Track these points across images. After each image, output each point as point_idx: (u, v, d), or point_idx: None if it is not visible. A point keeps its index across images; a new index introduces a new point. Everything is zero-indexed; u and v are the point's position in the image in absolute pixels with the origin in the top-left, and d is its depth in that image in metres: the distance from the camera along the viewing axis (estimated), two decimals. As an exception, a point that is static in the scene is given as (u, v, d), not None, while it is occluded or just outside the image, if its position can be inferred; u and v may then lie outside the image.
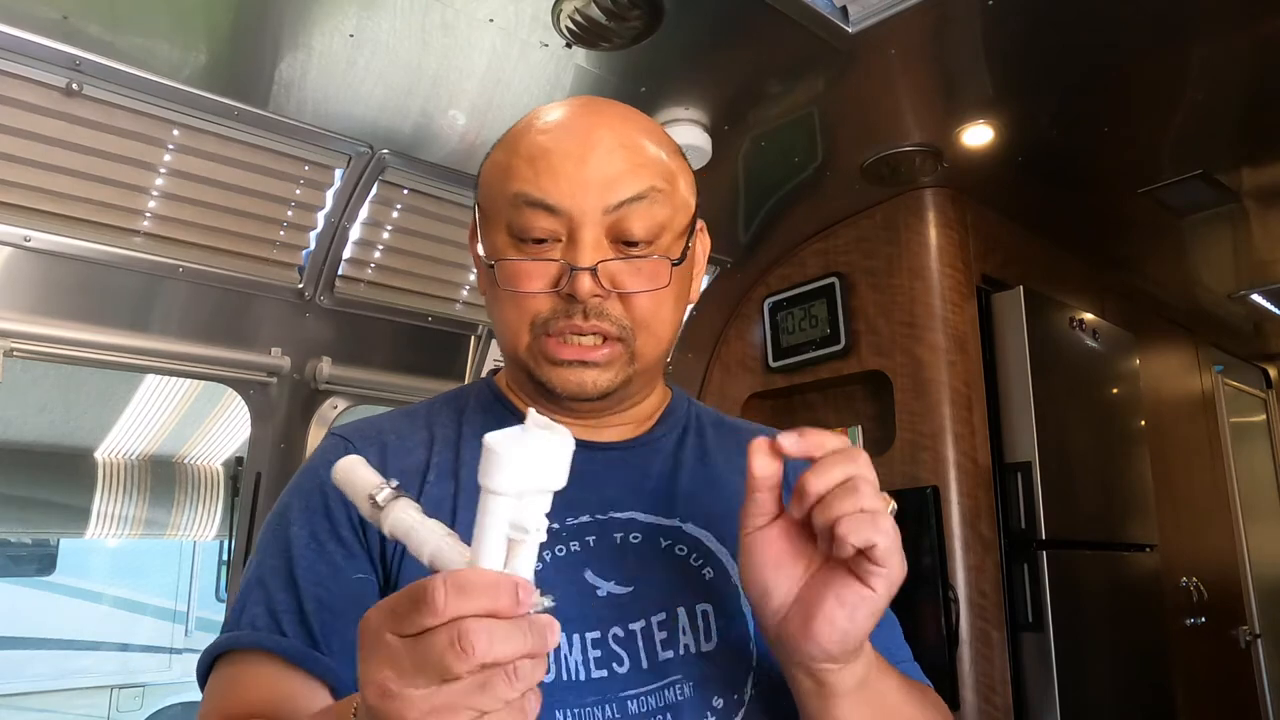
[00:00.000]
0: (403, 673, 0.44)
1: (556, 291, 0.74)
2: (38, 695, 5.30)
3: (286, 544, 0.75)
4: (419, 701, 0.44)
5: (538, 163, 0.74)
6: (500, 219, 0.76)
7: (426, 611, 0.44)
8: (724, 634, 0.77)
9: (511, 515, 0.46)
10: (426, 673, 0.44)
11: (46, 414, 3.29)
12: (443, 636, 0.43)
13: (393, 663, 0.45)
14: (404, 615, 0.45)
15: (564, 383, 0.76)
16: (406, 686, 0.44)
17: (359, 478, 0.54)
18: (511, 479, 0.46)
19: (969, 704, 2.18)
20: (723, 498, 0.84)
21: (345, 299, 2.08)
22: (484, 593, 0.44)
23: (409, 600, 0.45)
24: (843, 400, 2.70)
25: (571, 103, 0.80)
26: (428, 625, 0.44)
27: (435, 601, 0.44)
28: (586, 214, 0.73)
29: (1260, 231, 2.87)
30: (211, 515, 3.88)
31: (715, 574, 0.79)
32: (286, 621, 0.72)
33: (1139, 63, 1.91)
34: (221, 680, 0.74)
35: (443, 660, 0.43)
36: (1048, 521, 2.32)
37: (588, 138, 0.75)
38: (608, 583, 0.76)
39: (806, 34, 1.72)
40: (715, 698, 0.75)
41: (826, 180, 2.39)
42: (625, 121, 0.78)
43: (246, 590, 0.76)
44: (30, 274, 1.68)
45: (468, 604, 0.44)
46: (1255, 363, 4.45)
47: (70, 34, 1.49)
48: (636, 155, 0.76)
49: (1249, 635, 3.66)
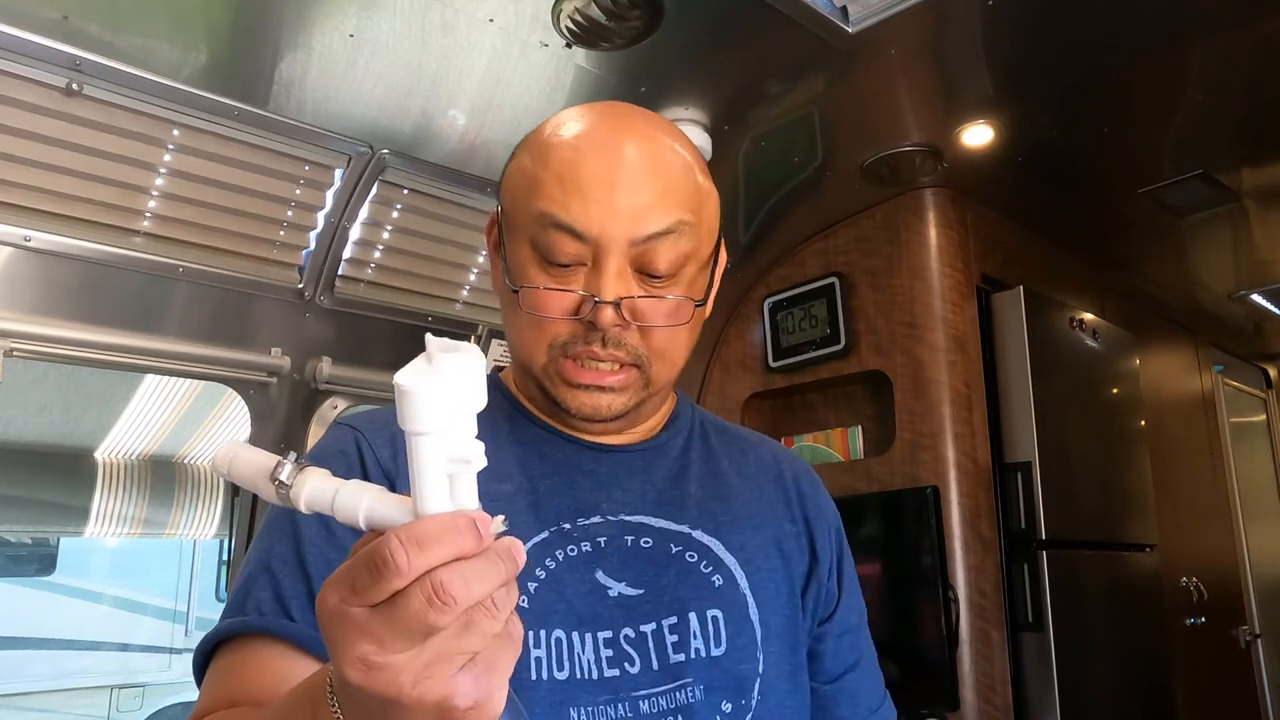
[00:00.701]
0: (381, 642, 0.42)
1: (578, 319, 0.74)
2: (38, 695, 5.29)
3: (295, 531, 0.73)
4: (407, 665, 0.42)
5: (566, 184, 0.73)
6: (524, 233, 0.76)
7: (390, 574, 0.41)
8: (733, 640, 0.78)
9: (447, 450, 0.43)
10: (407, 635, 0.41)
11: (46, 414, 3.28)
12: (417, 595, 0.41)
13: (367, 635, 0.42)
14: (366, 585, 0.42)
15: (579, 405, 0.77)
16: (389, 654, 0.42)
17: (249, 462, 0.48)
18: (437, 414, 0.42)
19: (969, 704, 2.18)
20: (730, 507, 0.84)
21: (345, 299, 2.08)
22: (445, 539, 0.42)
23: (366, 568, 0.42)
24: (843, 400, 2.70)
25: (598, 112, 0.79)
26: (396, 588, 0.41)
27: (398, 562, 0.41)
28: (614, 242, 0.73)
29: (1260, 231, 2.87)
30: (211, 515, 3.88)
31: (724, 581, 0.80)
32: (295, 607, 0.70)
33: (1139, 63, 1.91)
34: (223, 667, 0.72)
35: (423, 618, 0.41)
36: (1048, 521, 2.32)
37: (618, 160, 0.74)
38: (619, 584, 0.76)
39: (806, 34, 1.72)
40: (724, 702, 0.76)
41: (826, 180, 2.39)
42: (654, 142, 0.77)
43: (251, 577, 0.74)
44: (30, 274, 1.68)
45: (432, 555, 0.41)
46: (1255, 363, 4.45)
47: (70, 34, 1.49)
48: (666, 182, 0.75)
49: (1249, 635, 3.66)
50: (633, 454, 0.84)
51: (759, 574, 0.82)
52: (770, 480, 0.91)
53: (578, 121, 0.78)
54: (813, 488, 0.93)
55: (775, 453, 0.95)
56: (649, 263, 0.74)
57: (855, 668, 0.91)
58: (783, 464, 0.93)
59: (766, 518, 0.87)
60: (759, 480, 0.90)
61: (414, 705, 0.42)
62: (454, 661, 0.42)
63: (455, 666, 0.42)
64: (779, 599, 0.83)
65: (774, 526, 0.87)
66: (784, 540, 0.87)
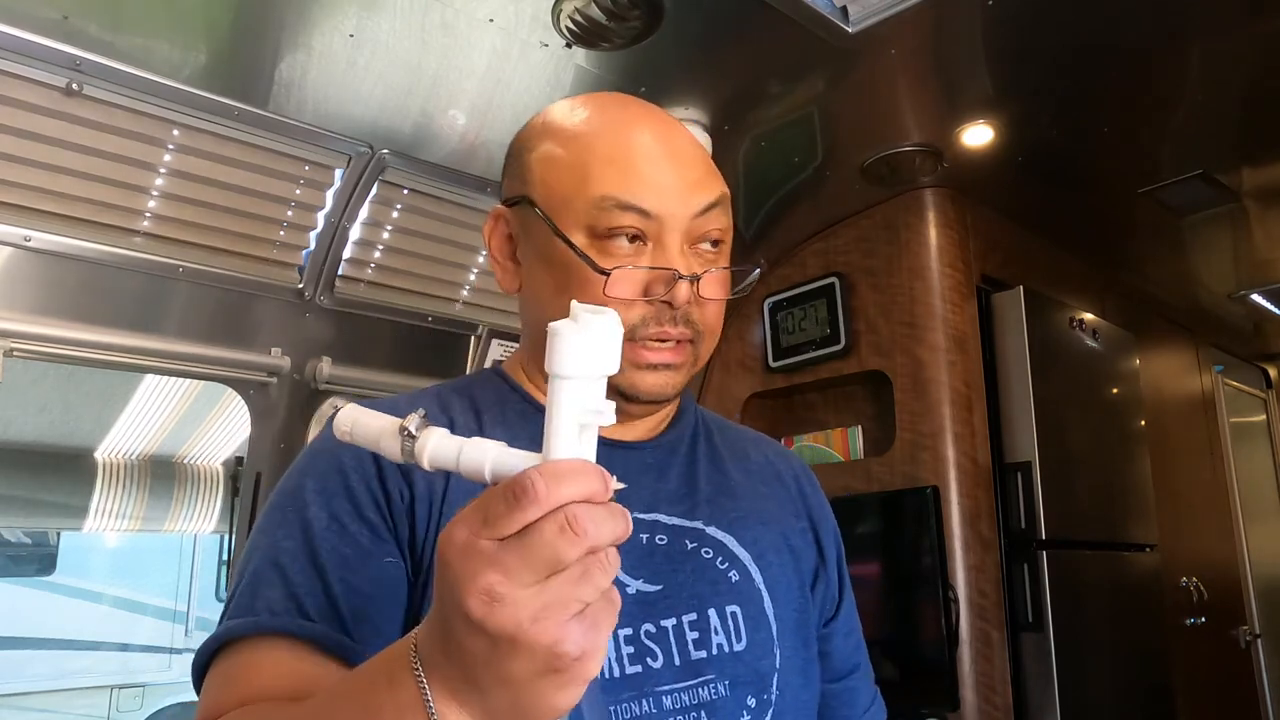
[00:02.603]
0: (509, 572, 0.43)
1: (647, 300, 0.74)
2: (38, 695, 5.29)
3: (304, 526, 0.71)
4: (528, 600, 0.43)
5: (621, 164, 0.73)
6: (579, 220, 0.74)
7: (528, 503, 0.43)
8: (752, 635, 0.78)
9: (583, 399, 0.46)
10: (535, 566, 0.43)
11: (46, 414, 3.29)
12: (551, 524, 0.43)
13: (495, 565, 0.43)
14: (499, 516, 0.43)
15: (649, 387, 0.76)
16: (515, 587, 0.43)
17: (375, 420, 0.52)
18: (579, 362, 0.46)
19: (969, 704, 2.18)
20: (739, 504, 0.85)
21: (345, 299, 2.08)
22: (578, 478, 0.44)
23: (502, 499, 0.44)
24: (843, 400, 2.70)
25: (611, 99, 0.80)
26: (530, 519, 0.43)
27: (537, 490, 0.43)
28: (676, 218, 0.73)
29: (1260, 231, 2.87)
30: (211, 515, 3.88)
31: (740, 576, 0.80)
32: (311, 605, 0.67)
33: (1139, 63, 1.91)
34: (230, 668, 0.67)
35: (554, 548, 0.42)
36: (1048, 521, 2.32)
37: (667, 139, 0.76)
38: (637, 580, 0.76)
39: (806, 34, 1.72)
40: (749, 697, 0.76)
41: (826, 180, 2.39)
42: (675, 123, 0.80)
43: (257, 574, 0.70)
44: (30, 274, 1.68)
45: (567, 490, 0.43)
46: (1255, 363, 4.45)
47: (70, 34, 1.49)
48: (703, 157, 0.78)
49: (1249, 635, 3.66)
50: (643, 450, 0.84)
51: (772, 569, 0.82)
52: (772, 478, 0.91)
53: (592, 108, 0.78)
54: (812, 488, 0.94)
55: (774, 452, 0.95)
56: (707, 234, 0.75)
57: (858, 669, 0.92)
58: (782, 463, 0.94)
59: (774, 514, 0.87)
60: (762, 478, 0.90)
61: (527, 644, 0.43)
62: (569, 608, 0.43)
63: (570, 613, 0.43)
64: (791, 593, 0.83)
65: (782, 523, 0.87)
66: (792, 536, 0.87)
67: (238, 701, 0.63)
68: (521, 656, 0.43)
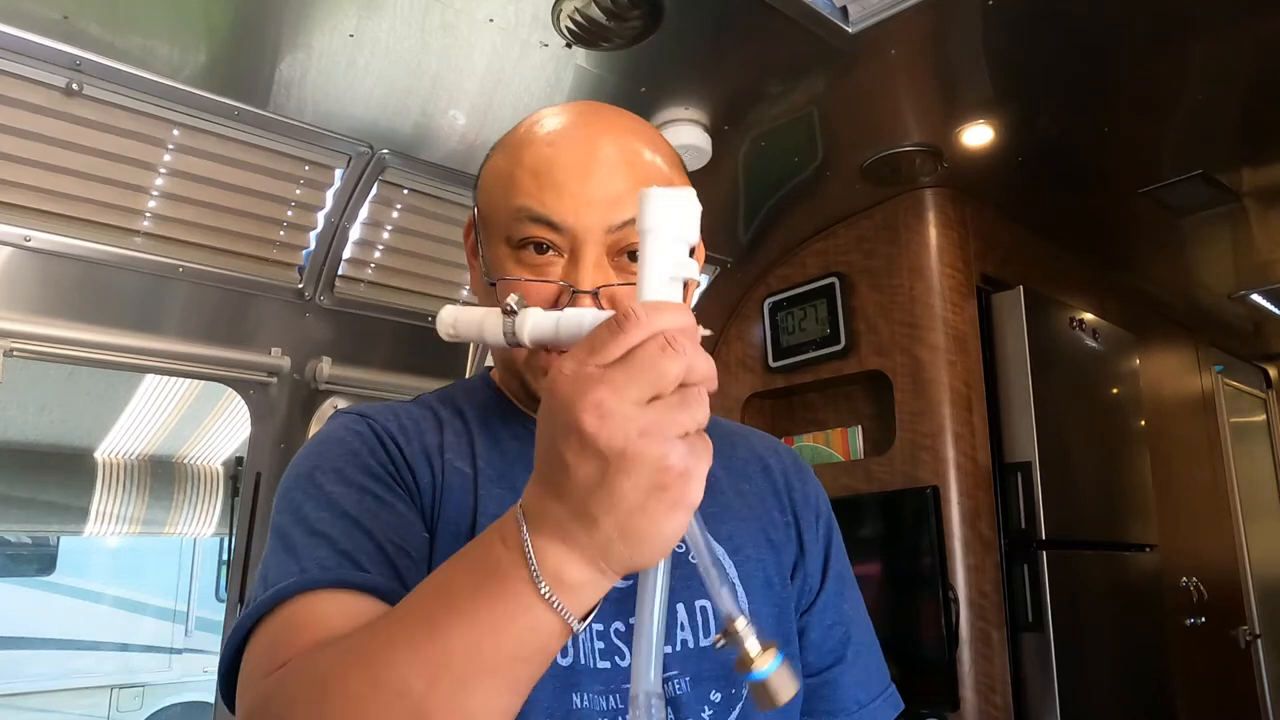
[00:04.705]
0: (618, 388, 0.46)
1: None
2: (38, 695, 5.29)
3: (333, 500, 0.69)
4: (637, 415, 0.46)
5: (541, 177, 0.74)
6: (500, 230, 0.77)
7: (630, 326, 0.47)
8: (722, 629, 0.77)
9: (673, 253, 0.51)
10: (641, 383, 0.46)
11: (46, 414, 3.29)
12: (653, 344, 0.47)
13: (605, 383, 0.46)
14: (605, 342, 0.47)
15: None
16: (624, 402, 0.46)
17: (473, 312, 0.60)
18: (669, 219, 0.51)
19: (969, 704, 2.18)
20: (716, 499, 0.84)
21: (345, 299, 2.08)
22: (674, 311, 0.48)
23: (606, 329, 0.48)
24: (843, 400, 2.70)
25: (574, 110, 0.80)
26: (633, 343, 0.47)
27: (639, 316, 0.47)
28: (590, 231, 0.73)
29: (1260, 231, 2.87)
30: (211, 515, 3.88)
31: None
32: (365, 560, 0.64)
33: (1139, 63, 1.91)
34: (286, 621, 0.61)
35: (657, 365, 0.46)
36: (1048, 521, 2.32)
37: (592, 152, 0.75)
38: None
39: (806, 34, 1.72)
40: (713, 692, 0.76)
41: (826, 180, 2.39)
42: (629, 134, 0.78)
43: (292, 547, 0.66)
44: (30, 274, 1.68)
45: (664, 318, 0.47)
46: (1255, 363, 4.45)
47: (70, 34, 1.49)
48: (639, 172, 0.76)
49: (1249, 635, 3.66)
50: None
51: (748, 563, 0.82)
52: (758, 472, 0.91)
53: (552, 119, 0.79)
54: (801, 480, 0.93)
55: (764, 444, 0.95)
56: (625, 249, 0.75)
57: (842, 661, 0.90)
58: (771, 456, 0.93)
59: (755, 508, 0.87)
60: (746, 472, 0.90)
61: (636, 456, 0.46)
62: (672, 428, 0.47)
63: (673, 433, 0.47)
64: (770, 588, 0.83)
65: (763, 517, 0.87)
66: (772, 530, 0.87)
67: (311, 645, 0.58)
68: (631, 471, 0.46)
